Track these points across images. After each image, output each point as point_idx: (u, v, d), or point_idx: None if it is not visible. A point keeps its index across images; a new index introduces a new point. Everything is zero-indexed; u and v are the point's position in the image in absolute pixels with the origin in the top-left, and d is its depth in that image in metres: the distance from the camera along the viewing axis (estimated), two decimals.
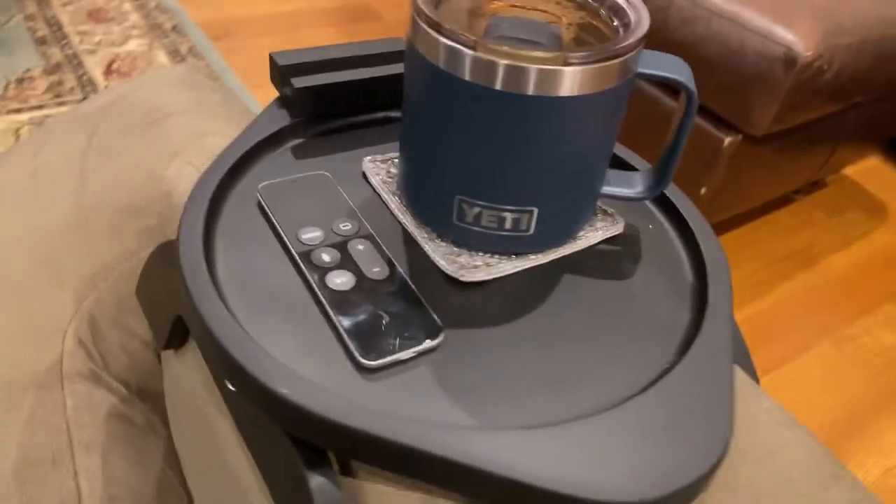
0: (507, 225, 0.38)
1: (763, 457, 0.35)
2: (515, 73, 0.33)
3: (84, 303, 0.63)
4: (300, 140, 0.47)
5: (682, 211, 0.45)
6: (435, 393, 0.33)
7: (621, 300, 0.39)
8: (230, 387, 0.33)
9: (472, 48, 0.33)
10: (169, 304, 0.44)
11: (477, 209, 0.38)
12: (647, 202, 0.46)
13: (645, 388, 0.34)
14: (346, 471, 0.33)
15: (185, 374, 0.46)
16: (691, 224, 0.44)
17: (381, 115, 0.50)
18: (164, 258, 0.44)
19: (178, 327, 0.46)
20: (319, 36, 2.01)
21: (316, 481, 0.31)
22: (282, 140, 0.46)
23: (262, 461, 0.36)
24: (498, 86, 0.33)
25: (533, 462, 0.30)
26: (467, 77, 0.34)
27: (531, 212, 0.38)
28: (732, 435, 0.32)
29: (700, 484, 0.31)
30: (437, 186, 0.39)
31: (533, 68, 0.33)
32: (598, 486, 0.30)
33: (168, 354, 0.51)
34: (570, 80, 0.33)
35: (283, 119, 0.46)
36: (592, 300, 0.39)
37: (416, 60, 0.36)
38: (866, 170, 1.89)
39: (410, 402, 0.32)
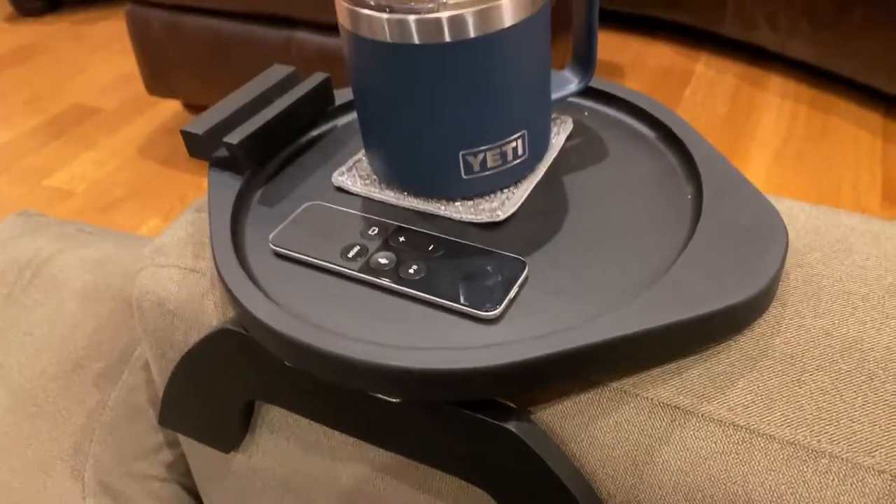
0: (509, 157, 0.42)
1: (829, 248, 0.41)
2: (481, 17, 0.36)
3: (84, 476, 0.57)
4: (260, 190, 0.47)
5: (613, 92, 0.50)
6: (548, 304, 0.36)
7: (616, 180, 0.44)
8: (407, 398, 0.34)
9: (425, 11, 0.36)
10: (233, 396, 0.43)
11: (481, 155, 0.41)
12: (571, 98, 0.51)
13: (692, 230, 0.39)
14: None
15: (267, 462, 0.45)
16: (627, 98, 0.49)
17: (304, 139, 0.51)
18: (203, 359, 0.42)
19: (243, 417, 0.45)
20: None
21: (516, 426, 0.33)
22: (247, 199, 0.46)
23: (443, 460, 0.37)
24: (472, 33, 0.36)
25: (663, 312, 0.34)
26: (421, 41, 0.37)
27: (523, 135, 0.41)
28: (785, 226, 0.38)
29: (780, 273, 0.36)
30: (437, 155, 0.41)
31: (475, 10, 0.36)
32: (711, 300, 0.34)
33: (226, 460, 0.49)
34: (512, 9, 0.37)
35: (233, 180, 0.46)
36: (598, 188, 0.44)
37: (367, 49, 0.38)
38: None
39: (540, 320, 0.35)
